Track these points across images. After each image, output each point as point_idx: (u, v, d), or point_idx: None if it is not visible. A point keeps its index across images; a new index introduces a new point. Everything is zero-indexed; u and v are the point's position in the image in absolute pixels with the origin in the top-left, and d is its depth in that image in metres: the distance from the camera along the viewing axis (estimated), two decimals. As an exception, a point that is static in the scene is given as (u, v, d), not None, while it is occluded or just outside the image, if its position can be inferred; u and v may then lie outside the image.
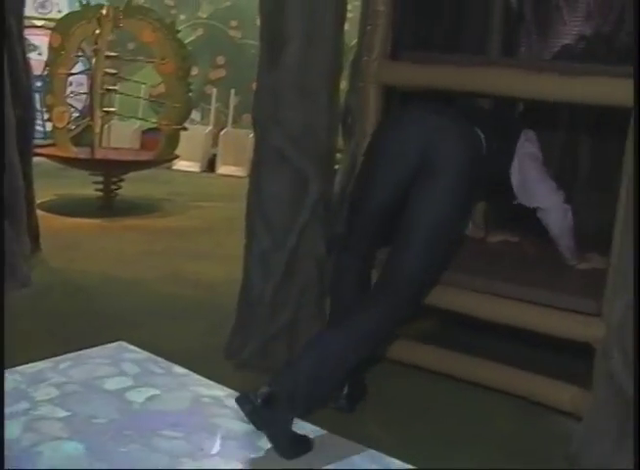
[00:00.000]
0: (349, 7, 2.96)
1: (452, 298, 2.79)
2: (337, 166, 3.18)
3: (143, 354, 3.03)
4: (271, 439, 2.30)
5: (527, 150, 2.77)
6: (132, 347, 3.10)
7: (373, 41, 2.86)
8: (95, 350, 3.04)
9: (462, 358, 2.82)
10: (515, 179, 2.76)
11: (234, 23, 9.22)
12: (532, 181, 2.76)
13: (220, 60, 9.21)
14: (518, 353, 3.08)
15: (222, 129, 8.68)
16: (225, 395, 2.70)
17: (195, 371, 2.89)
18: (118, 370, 2.86)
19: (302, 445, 2.36)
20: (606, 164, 2.73)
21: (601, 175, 3.78)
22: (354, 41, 3.68)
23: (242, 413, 2.31)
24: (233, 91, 8.71)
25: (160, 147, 6.43)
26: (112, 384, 2.74)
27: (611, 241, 2.45)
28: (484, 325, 2.80)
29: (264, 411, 2.24)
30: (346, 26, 2.92)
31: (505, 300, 2.68)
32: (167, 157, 6.59)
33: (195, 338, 3.31)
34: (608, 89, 2.46)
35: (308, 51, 2.75)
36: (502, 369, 2.74)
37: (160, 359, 2.99)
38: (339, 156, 3.89)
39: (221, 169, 8.47)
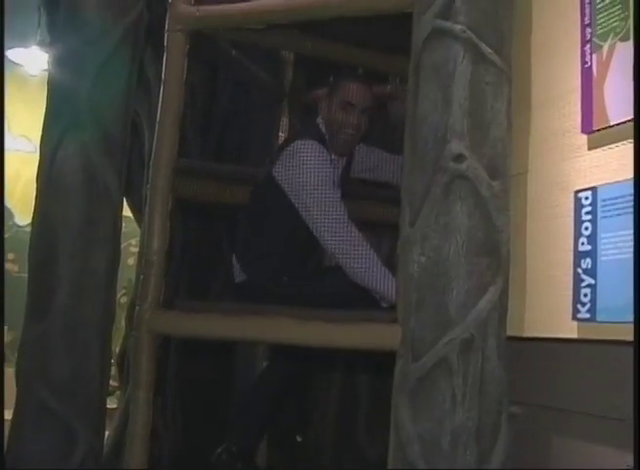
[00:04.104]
0: (133, 242, 3.01)
1: None
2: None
3: None
4: None
5: None
6: None
7: (146, 290, 2.88)
8: None
9: None
10: None
11: (11, 256, 8.97)
12: None
13: (-7, 294, 8.86)
14: None
15: (-8, 368, 8.17)
16: None
17: None
18: None
19: None
20: (385, 401, 2.83)
21: (381, 412, 3.89)
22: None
23: None
24: (6, 328, 8.32)
25: None
26: None
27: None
28: None
29: None
30: (131, 262, 2.95)
31: None
32: None
33: None
34: (372, 335, 2.60)
35: (78, 300, 2.73)
36: None
37: None
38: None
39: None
